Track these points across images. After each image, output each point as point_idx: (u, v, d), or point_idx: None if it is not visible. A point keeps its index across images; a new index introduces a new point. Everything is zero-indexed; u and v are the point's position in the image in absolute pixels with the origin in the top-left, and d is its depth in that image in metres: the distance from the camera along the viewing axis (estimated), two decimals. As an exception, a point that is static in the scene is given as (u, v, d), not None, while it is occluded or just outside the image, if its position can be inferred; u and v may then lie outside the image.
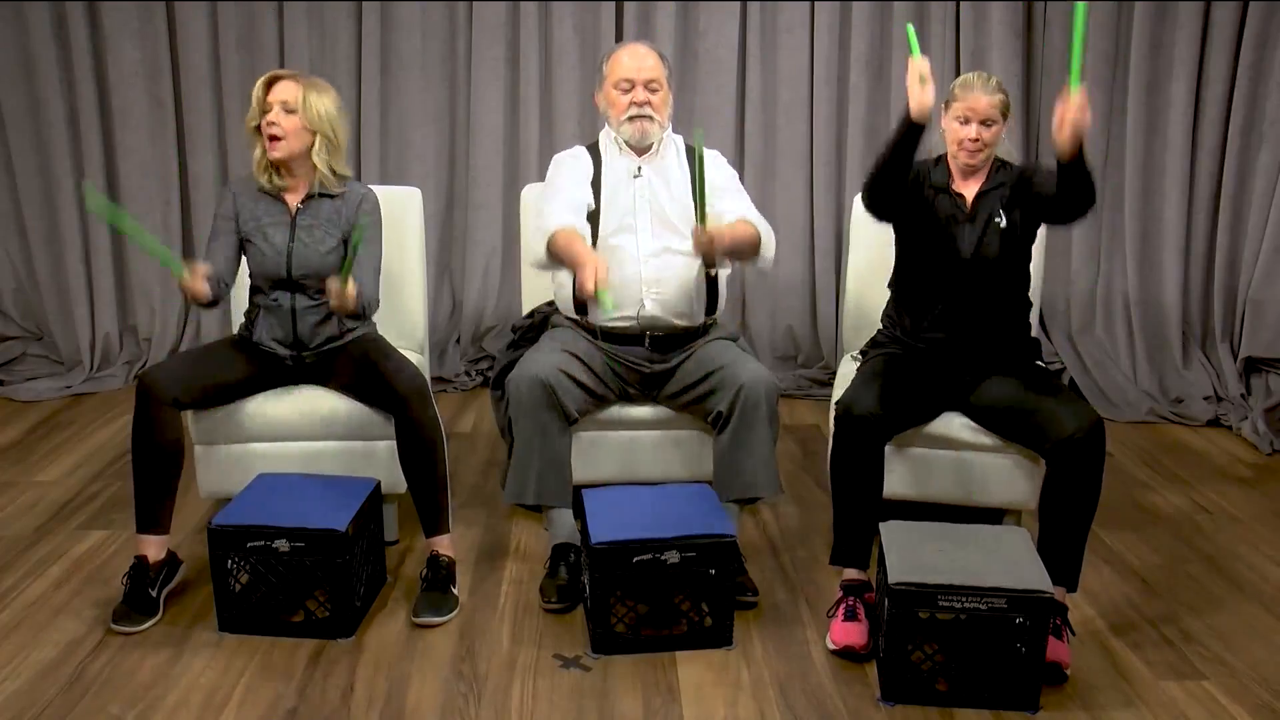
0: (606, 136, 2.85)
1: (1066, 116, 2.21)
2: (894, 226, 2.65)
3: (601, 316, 2.73)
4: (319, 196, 2.69)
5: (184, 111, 4.25)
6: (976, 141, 2.48)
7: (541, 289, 3.09)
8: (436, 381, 4.09)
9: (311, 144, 2.64)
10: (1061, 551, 2.38)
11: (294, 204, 2.69)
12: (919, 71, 2.30)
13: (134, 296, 4.43)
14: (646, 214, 2.76)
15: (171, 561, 2.60)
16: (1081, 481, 2.35)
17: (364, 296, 2.60)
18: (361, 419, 2.73)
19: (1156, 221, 4.13)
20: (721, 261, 2.72)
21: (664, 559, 2.35)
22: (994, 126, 2.48)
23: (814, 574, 2.75)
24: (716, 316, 2.89)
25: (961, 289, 2.55)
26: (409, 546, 2.89)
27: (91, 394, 4.16)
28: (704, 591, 2.43)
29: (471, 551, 2.86)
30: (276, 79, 2.62)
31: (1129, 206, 4.11)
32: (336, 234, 2.69)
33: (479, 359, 4.35)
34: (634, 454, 2.86)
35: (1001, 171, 2.58)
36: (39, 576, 2.71)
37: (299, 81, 2.61)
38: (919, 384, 2.60)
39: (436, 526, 2.63)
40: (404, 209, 3.13)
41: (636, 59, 2.73)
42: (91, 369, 4.31)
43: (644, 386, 2.82)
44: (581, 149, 2.88)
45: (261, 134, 2.62)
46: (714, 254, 2.56)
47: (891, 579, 2.18)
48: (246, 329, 2.79)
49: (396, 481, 2.72)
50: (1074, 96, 2.21)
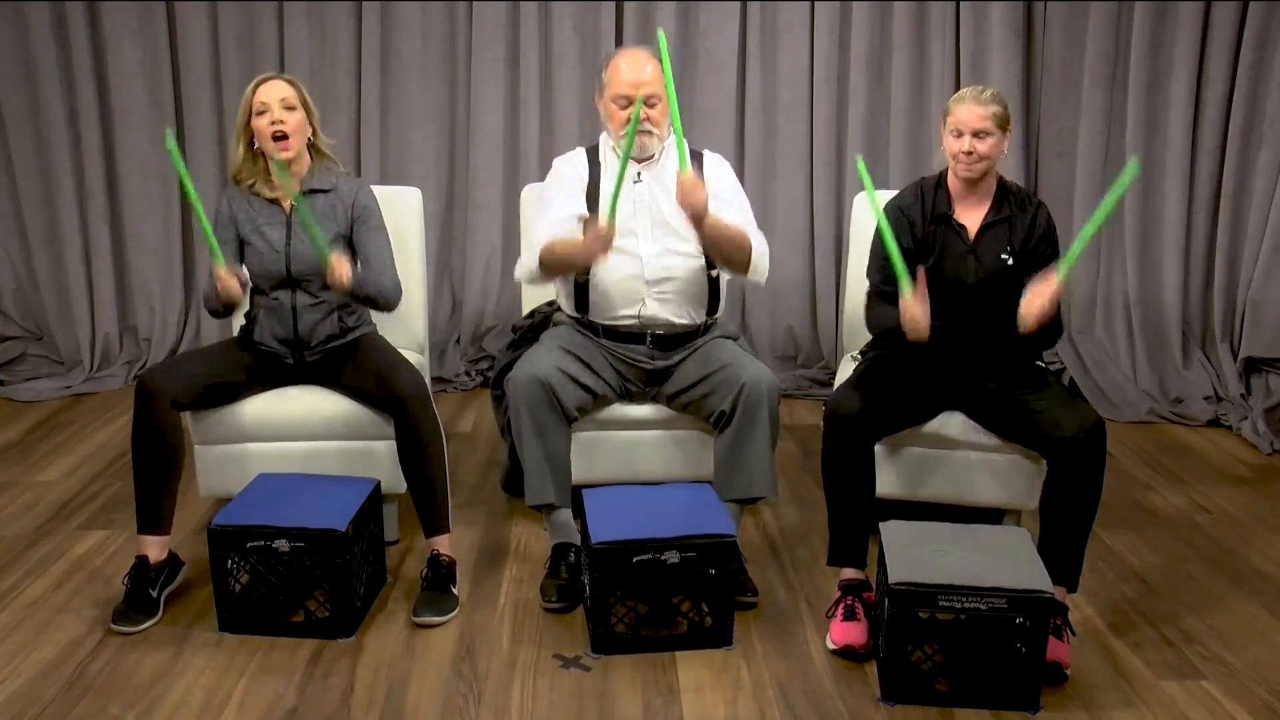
0: (606, 143, 2.84)
1: (1037, 303, 2.28)
2: None
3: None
4: (312, 193, 2.69)
5: (184, 111, 4.25)
6: (971, 154, 2.45)
7: (541, 289, 3.08)
8: (436, 381, 4.09)
9: (309, 138, 2.65)
10: (1062, 551, 2.38)
11: (287, 202, 2.69)
12: (911, 314, 2.36)
13: (134, 296, 4.43)
14: (647, 219, 2.76)
15: (173, 562, 2.60)
16: (1082, 482, 2.35)
17: (383, 287, 2.65)
18: (361, 419, 2.73)
19: (1156, 221, 4.12)
20: (716, 261, 2.70)
21: (664, 559, 2.35)
22: (988, 139, 2.44)
23: (814, 574, 2.75)
24: (717, 317, 2.89)
25: (964, 308, 2.53)
26: (409, 546, 2.89)
27: (91, 394, 4.16)
28: (704, 591, 2.43)
29: (471, 551, 2.86)
30: (264, 80, 2.62)
31: (1129, 206, 4.11)
32: (333, 228, 2.68)
33: (479, 359, 4.35)
34: (634, 454, 2.86)
35: (1008, 204, 2.53)
36: (39, 576, 2.71)
37: (284, 79, 2.63)
38: (915, 384, 2.59)
39: (436, 526, 2.63)
40: (404, 209, 3.13)
41: (635, 70, 2.67)
42: (91, 369, 4.31)
43: (645, 384, 2.82)
44: (581, 153, 2.87)
45: (256, 137, 2.60)
46: (700, 204, 2.52)
47: (891, 579, 2.18)
48: (247, 329, 2.79)
49: (396, 481, 2.72)
50: (1057, 284, 2.27)
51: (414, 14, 4.17)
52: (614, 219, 2.49)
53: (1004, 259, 2.50)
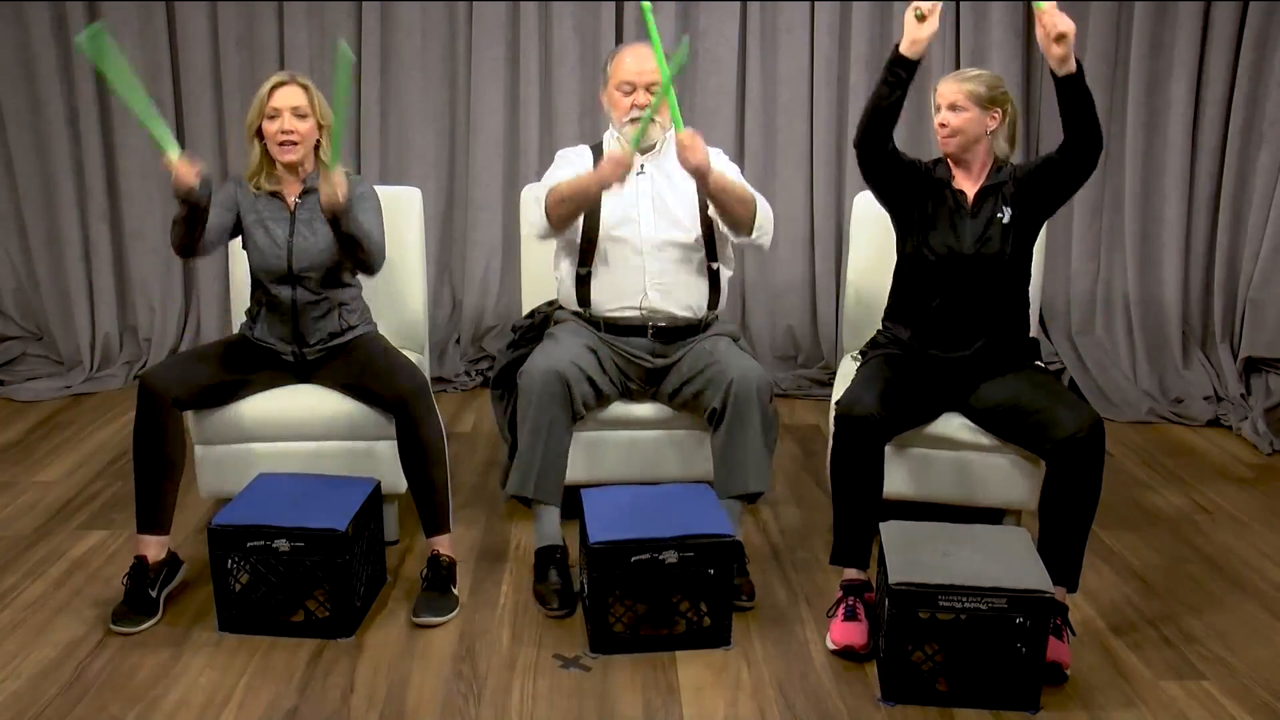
0: (610, 137, 2.87)
1: (1046, 25, 2.25)
2: (893, 218, 2.65)
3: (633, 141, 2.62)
4: (316, 190, 2.68)
5: (184, 111, 4.25)
6: (945, 127, 2.51)
7: (541, 289, 3.09)
8: (436, 381, 4.08)
9: (316, 142, 2.65)
10: (1062, 551, 2.38)
11: (291, 199, 2.70)
12: (918, 8, 2.32)
13: (134, 296, 4.43)
14: (649, 208, 2.78)
15: (172, 562, 2.60)
16: (1082, 482, 2.35)
17: (372, 237, 2.61)
18: (362, 419, 2.73)
19: (1156, 221, 4.12)
20: (723, 222, 2.70)
21: (662, 559, 2.35)
22: (962, 113, 2.49)
23: (814, 574, 2.75)
24: (718, 312, 2.90)
25: (962, 284, 2.55)
26: (409, 546, 2.89)
27: (91, 394, 4.16)
28: (702, 591, 2.43)
29: (471, 551, 2.86)
30: (279, 85, 2.61)
31: (1129, 206, 4.11)
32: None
33: (479, 359, 4.35)
34: (634, 454, 2.86)
35: (1003, 171, 2.59)
36: (39, 576, 2.71)
37: (300, 83, 2.62)
38: (919, 385, 2.60)
39: (436, 526, 2.63)
40: (404, 209, 3.13)
41: (639, 61, 2.74)
42: (91, 369, 4.31)
43: (646, 382, 2.83)
44: (585, 148, 2.91)
45: (265, 138, 2.62)
46: (702, 160, 2.53)
47: (892, 579, 2.18)
48: (248, 328, 2.79)
49: (396, 481, 2.72)
50: (1043, 11, 2.25)
51: (414, 14, 4.17)
52: (634, 150, 2.52)
53: (1000, 218, 2.54)
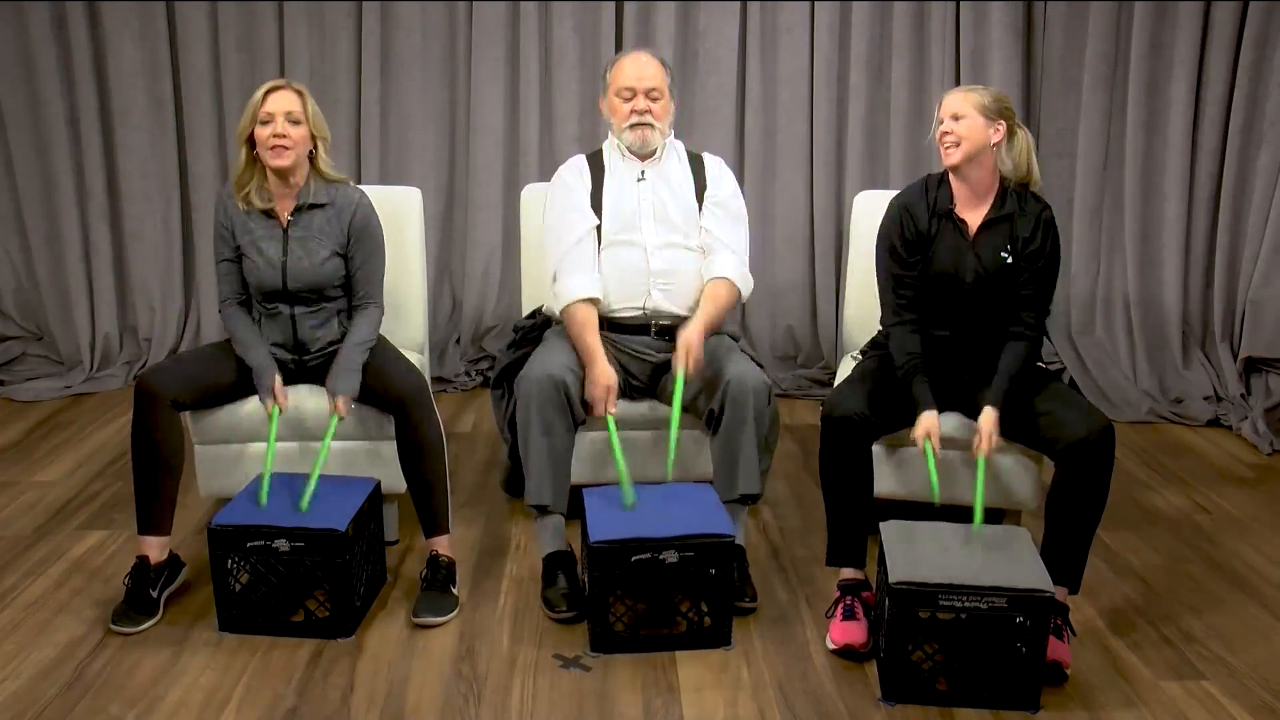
0: (610, 144, 2.88)
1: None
2: None
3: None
4: (309, 208, 2.66)
5: (184, 111, 4.25)
6: (948, 135, 2.48)
7: (541, 289, 3.08)
8: (436, 381, 4.09)
9: (310, 150, 2.63)
10: (1066, 552, 2.38)
11: (284, 216, 2.66)
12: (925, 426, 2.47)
13: (134, 297, 4.43)
14: (650, 215, 2.79)
15: (173, 563, 2.60)
16: (1090, 484, 2.34)
17: (366, 338, 2.67)
18: (362, 419, 2.73)
19: (1156, 221, 4.12)
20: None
21: (662, 558, 2.34)
22: (964, 121, 2.46)
23: (814, 574, 2.75)
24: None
25: (963, 308, 2.54)
26: (409, 546, 2.89)
27: (91, 394, 4.16)
28: (703, 591, 2.43)
29: (471, 551, 2.86)
30: (274, 89, 2.58)
31: (1129, 206, 4.11)
32: (330, 245, 2.65)
33: (479, 359, 4.35)
34: (634, 454, 2.85)
35: (1010, 200, 2.52)
36: (39, 576, 2.71)
37: (294, 89, 2.59)
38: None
39: (436, 527, 2.63)
40: (404, 209, 3.12)
41: (638, 67, 2.76)
42: (91, 369, 4.31)
43: (649, 378, 2.83)
44: (582, 160, 2.90)
45: (257, 145, 2.58)
46: (698, 355, 2.64)
47: (892, 579, 2.18)
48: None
49: (397, 481, 2.72)
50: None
51: (414, 14, 4.17)
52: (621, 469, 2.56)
53: (1004, 257, 2.50)
